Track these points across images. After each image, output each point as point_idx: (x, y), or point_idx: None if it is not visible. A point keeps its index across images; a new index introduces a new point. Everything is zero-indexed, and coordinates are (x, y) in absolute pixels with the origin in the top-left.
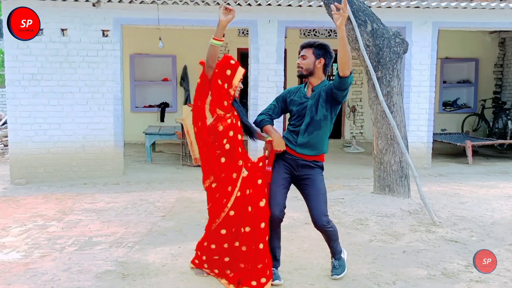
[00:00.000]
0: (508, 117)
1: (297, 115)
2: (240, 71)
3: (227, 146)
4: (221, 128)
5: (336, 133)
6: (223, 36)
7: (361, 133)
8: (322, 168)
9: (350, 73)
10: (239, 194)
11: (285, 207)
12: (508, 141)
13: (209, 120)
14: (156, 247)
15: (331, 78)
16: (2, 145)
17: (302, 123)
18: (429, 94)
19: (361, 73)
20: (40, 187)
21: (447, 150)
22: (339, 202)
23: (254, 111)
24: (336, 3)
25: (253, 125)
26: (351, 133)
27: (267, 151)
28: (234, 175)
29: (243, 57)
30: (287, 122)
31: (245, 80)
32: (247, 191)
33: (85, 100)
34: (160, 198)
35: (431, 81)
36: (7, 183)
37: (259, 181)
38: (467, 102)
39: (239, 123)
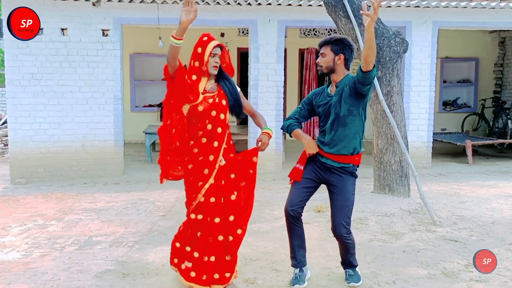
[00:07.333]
0: (508, 116)
1: (323, 115)
2: (211, 44)
3: (209, 127)
4: (201, 108)
5: None
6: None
7: None
8: (353, 174)
9: (374, 66)
10: (213, 181)
11: (300, 207)
12: (508, 141)
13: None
14: (156, 246)
15: None
16: (2, 145)
17: (328, 122)
18: (429, 94)
19: None
20: (40, 187)
21: (447, 149)
22: None
23: None
24: (366, 2)
25: (245, 105)
26: None
27: (260, 142)
28: (211, 158)
29: (243, 57)
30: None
31: (245, 79)
32: (222, 181)
33: (85, 100)
34: (160, 197)
35: (431, 80)
36: (7, 183)
37: (232, 175)
38: (467, 102)
39: (223, 101)
